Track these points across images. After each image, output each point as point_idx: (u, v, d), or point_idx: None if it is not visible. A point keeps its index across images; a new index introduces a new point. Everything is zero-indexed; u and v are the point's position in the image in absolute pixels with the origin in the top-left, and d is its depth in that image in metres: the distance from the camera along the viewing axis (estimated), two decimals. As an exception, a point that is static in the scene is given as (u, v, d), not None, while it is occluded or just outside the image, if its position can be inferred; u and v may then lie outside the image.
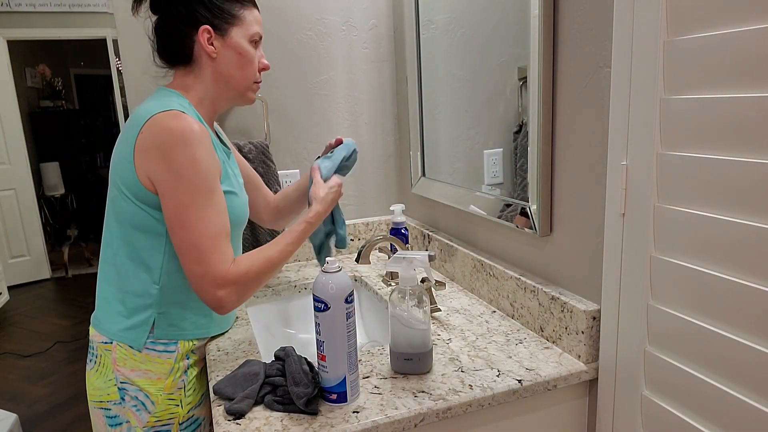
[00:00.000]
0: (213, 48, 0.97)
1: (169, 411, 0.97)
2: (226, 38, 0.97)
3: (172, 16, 0.97)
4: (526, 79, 0.99)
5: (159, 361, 0.96)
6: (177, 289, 0.96)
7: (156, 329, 0.95)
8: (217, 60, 0.98)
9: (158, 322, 0.95)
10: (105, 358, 0.95)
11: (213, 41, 0.97)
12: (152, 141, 0.87)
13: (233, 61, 0.99)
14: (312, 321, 1.40)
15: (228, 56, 0.98)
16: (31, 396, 2.81)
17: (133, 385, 0.94)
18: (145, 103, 0.93)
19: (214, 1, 0.96)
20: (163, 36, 0.99)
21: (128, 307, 0.95)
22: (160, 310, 0.95)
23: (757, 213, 0.62)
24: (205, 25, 0.95)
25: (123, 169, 0.90)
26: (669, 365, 0.75)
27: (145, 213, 0.91)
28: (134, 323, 0.95)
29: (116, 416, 0.96)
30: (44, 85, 5.68)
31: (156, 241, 0.93)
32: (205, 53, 0.97)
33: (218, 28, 0.96)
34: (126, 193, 0.91)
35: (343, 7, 1.54)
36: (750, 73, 0.61)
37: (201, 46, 0.96)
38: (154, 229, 0.92)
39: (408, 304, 0.88)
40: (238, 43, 0.98)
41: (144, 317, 0.95)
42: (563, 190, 0.96)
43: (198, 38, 0.96)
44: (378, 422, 0.78)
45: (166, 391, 0.96)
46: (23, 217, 4.59)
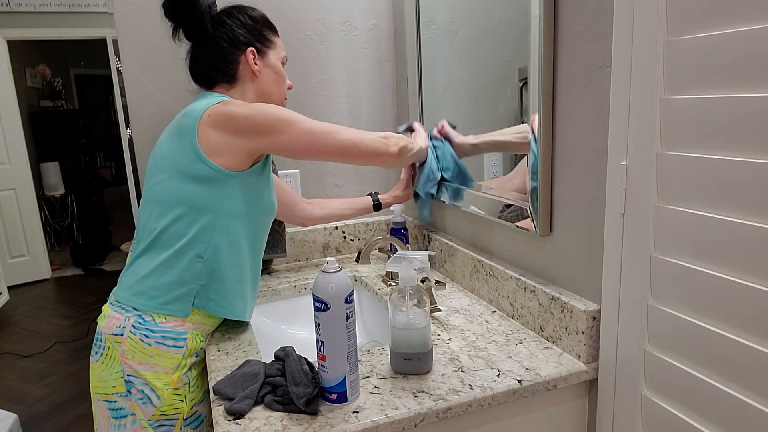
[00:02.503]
0: (257, 67, 1.10)
1: (174, 406, 0.98)
2: (266, 59, 1.12)
3: (218, 39, 1.08)
4: (526, 80, 0.99)
5: (167, 356, 0.97)
6: (220, 264, 1.01)
7: (197, 300, 1.00)
8: (259, 78, 1.12)
9: (200, 293, 1.01)
10: (113, 350, 0.96)
11: (257, 61, 1.10)
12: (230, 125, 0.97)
13: (272, 79, 1.13)
14: (312, 321, 1.40)
15: (268, 75, 1.13)
16: (31, 396, 2.81)
17: (140, 378, 0.95)
18: (194, 103, 1.03)
19: (254, 27, 1.11)
20: (207, 58, 1.09)
21: (173, 279, 0.98)
22: (202, 282, 1.00)
23: (757, 213, 0.62)
24: (251, 47, 1.09)
25: (181, 157, 0.98)
26: (669, 365, 0.75)
27: (206, 191, 0.98)
28: (178, 295, 0.99)
29: (122, 408, 0.97)
30: (44, 85, 5.68)
31: (209, 217, 0.99)
32: (249, 72, 1.10)
33: (260, 51, 1.11)
34: (182, 173, 0.98)
35: (343, 7, 1.54)
36: (750, 73, 0.61)
37: (246, 66, 1.09)
38: (209, 206, 0.98)
39: (408, 304, 0.88)
40: (275, 63, 1.14)
41: (187, 290, 0.99)
42: (563, 190, 0.96)
43: (245, 58, 1.09)
44: (378, 422, 0.78)
45: (172, 386, 0.97)
46: (23, 217, 4.59)
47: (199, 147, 0.96)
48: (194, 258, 0.99)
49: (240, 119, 0.97)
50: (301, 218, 1.35)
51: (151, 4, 1.36)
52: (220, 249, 1.00)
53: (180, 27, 1.08)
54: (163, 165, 1.00)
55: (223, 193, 0.99)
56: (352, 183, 1.64)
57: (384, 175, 1.67)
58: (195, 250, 0.99)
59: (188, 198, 0.98)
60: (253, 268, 1.09)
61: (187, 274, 0.99)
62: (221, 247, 1.00)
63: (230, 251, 1.02)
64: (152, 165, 1.03)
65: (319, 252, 1.61)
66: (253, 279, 1.10)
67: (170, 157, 0.99)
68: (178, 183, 0.98)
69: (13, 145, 4.48)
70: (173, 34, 1.09)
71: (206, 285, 1.01)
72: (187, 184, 0.97)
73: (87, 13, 4.38)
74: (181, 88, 1.42)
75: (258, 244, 1.09)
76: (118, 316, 0.98)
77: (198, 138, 0.96)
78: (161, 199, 0.99)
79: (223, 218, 1.00)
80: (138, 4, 1.35)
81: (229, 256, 1.02)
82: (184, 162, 0.97)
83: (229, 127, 0.96)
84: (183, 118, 1.00)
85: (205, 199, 0.98)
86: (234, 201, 1.00)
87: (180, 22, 1.07)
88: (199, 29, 1.07)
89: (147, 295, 0.98)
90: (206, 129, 0.97)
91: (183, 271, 0.98)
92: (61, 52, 6.45)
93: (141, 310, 0.98)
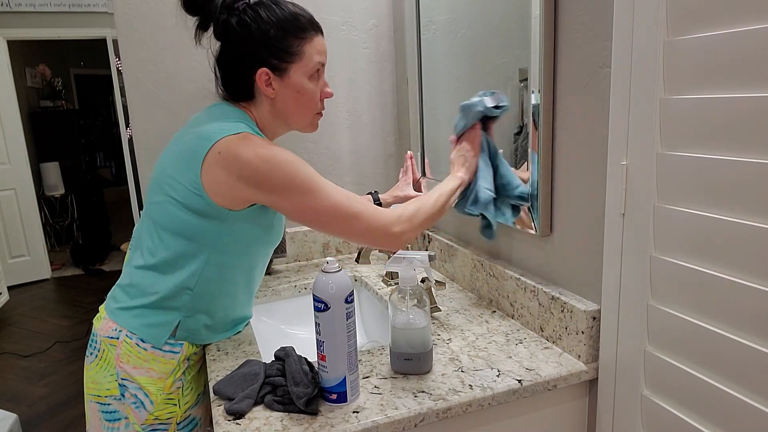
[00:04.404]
0: (272, 89, 0.96)
1: (168, 411, 0.97)
2: (285, 78, 0.95)
3: (233, 54, 0.96)
4: (527, 80, 0.99)
5: (163, 361, 0.96)
6: (209, 298, 0.98)
7: (179, 331, 0.97)
8: (276, 100, 0.97)
9: (182, 324, 0.97)
10: (108, 353, 0.95)
11: (272, 82, 0.95)
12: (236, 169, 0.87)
13: (292, 100, 0.97)
14: (312, 321, 1.39)
15: (287, 95, 0.97)
16: (31, 396, 2.81)
17: (134, 383, 0.94)
18: (211, 124, 0.92)
19: (272, 41, 0.93)
20: (225, 73, 0.98)
21: (156, 306, 0.95)
22: (186, 314, 0.97)
23: (757, 213, 0.62)
24: (263, 68, 0.94)
25: (180, 182, 0.90)
26: (669, 365, 0.75)
27: (201, 224, 0.91)
28: (159, 321, 0.95)
29: (115, 411, 0.96)
30: (44, 85, 5.67)
31: (199, 248, 0.93)
32: (262, 94, 0.97)
33: (277, 69, 0.94)
34: (179, 202, 0.91)
35: (343, 7, 1.54)
36: (750, 73, 0.61)
37: (259, 87, 0.96)
38: (199, 238, 0.93)
39: (408, 304, 0.88)
40: (297, 82, 0.96)
41: (170, 317, 0.96)
42: (563, 190, 0.96)
43: (256, 79, 0.95)
44: (378, 422, 0.78)
45: (165, 392, 0.96)
46: (23, 217, 4.58)
47: (200, 182, 0.89)
48: (182, 289, 0.94)
49: (246, 167, 0.87)
50: None
51: (151, 4, 1.36)
52: (212, 282, 0.96)
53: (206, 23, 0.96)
54: (165, 186, 0.93)
55: (221, 228, 0.92)
56: (352, 183, 1.64)
57: (383, 175, 1.67)
58: (185, 282, 0.94)
59: (185, 228, 0.92)
60: (247, 296, 1.06)
61: (171, 303, 0.95)
62: (213, 281, 0.96)
63: (222, 284, 0.98)
64: (155, 178, 0.96)
65: (319, 252, 1.61)
66: (245, 306, 1.07)
67: (171, 182, 0.92)
68: (176, 210, 0.92)
69: (13, 145, 4.47)
70: (196, 33, 0.97)
71: (190, 317, 0.97)
72: (184, 213, 0.91)
73: (87, 13, 4.38)
74: (181, 88, 1.42)
75: (255, 275, 1.05)
76: (114, 322, 0.96)
77: (202, 172, 0.88)
78: (159, 221, 0.94)
79: (220, 253, 0.94)
80: (138, 4, 1.35)
81: (220, 288, 0.98)
82: (183, 192, 0.90)
83: (233, 170, 0.87)
84: (195, 143, 0.91)
85: (203, 233, 0.92)
86: (233, 237, 0.94)
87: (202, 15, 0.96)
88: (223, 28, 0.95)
89: (129, 312, 0.96)
90: (212, 166, 0.88)
91: (167, 299, 0.94)
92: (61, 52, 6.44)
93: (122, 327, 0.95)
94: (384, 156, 1.66)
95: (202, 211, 0.91)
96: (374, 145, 1.64)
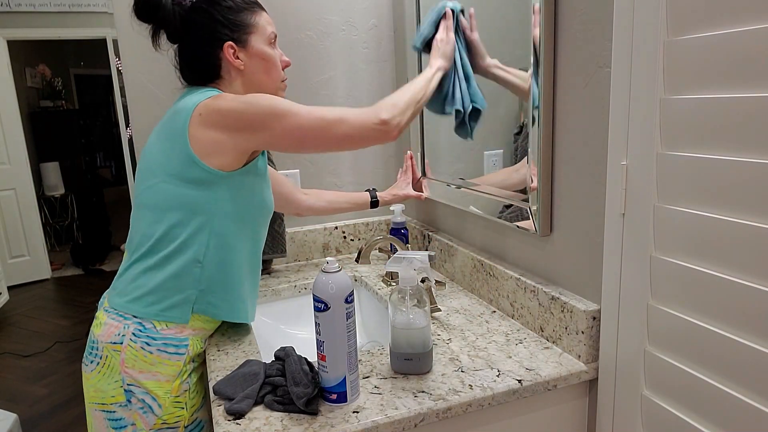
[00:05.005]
0: (240, 61, 1.02)
1: (176, 414, 0.96)
2: (248, 48, 1.03)
3: (195, 40, 1.01)
4: (526, 79, 0.98)
5: (169, 363, 0.95)
6: (218, 268, 0.99)
7: (196, 305, 0.98)
8: (245, 71, 1.04)
9: (199, 299, 0.98)
10: (112, 359, 0.94)
11: (238, 54, 1.02)
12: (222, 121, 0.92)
13: (260, 68, 1.04)
14: (312, 321, 1.40)
15: (254, 65, 1.04)
16: (31, 396, 2.81)
17: (140, 387, 0.94)
18: (184, 99, 0.98)
19: (228, 17, 1.01)
20: (190, 60, 1.03)
21: (170, 286, 0.96)
22: (201, 287, 0.98)
23: (757, 213, 0.62)
24: (228, 42, 1.01)
25: (172, 159, 0.94)
26: (669, 365, 0.75)
27: (199, 193, 0.95)
28: (177, 301, 0.96)
29: (122, 419, 0.95)
30: (44, 85, 5.67)
31: (204, 220, 0.96)
32: (233, 68, 1.03)
33: (239, 41, 1.02)
34: (175, 176, 0.94)
35: (343, 7, 1.54)
36: (750, 73, 0.61)
37: (228, 62, 1.02)
38: (203, 209, 0.95)
39: (408, 304, 0.88)
40: (259, 49, 1.04)
41: (186, 294, 0.97)
42: (563, 190, 0.96)
43: (224, 55, 1.01)
44: (378, 422, 0.78)
45: (173, 394, 0.96)
46: (23, 217, 4.58)
47: (191, 149, 0.93)
48: (192, 263, 0.96)
49: (228, 115, 0.92)
50: (297, 209, 1.34)
51: (151, 4, 1.36)
52: (218, 252, 0.98)
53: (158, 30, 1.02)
54: (155, 169, 0.97)
55: (218, 194, 0.96)
56: (352, 183, 1.64)
57: (383, 175, 1.67)
58: (192, 255, 0.96)
59: (183, 202, 0.95)
60: (253, 269, 1.07)
61: (185, 280, 0.96)
62: (219, 250, 0.98)
63: (228, 253, 0.99)
64: (143, 168, 0.99)
65: (319, 252, 1.61)
66: (253, 280, 1.08)
67: (162, 160, 0.96)
68: (171, 187, 0.95)
69: (13, 145, 4.48)
70: (152, 40, 1.02)
71: (205, 290, 0.98)
72: (181, 187, 0.94)
73: (87, 13, 4.38)
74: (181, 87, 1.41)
75: (257, 244, 1.07)
76: (116, 324, 0.95)
77: (190, 139, 0.93)
78: (155, 203, 0.96)
79: (220, 220, 0.97)
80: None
81: (227, 258, 0.99)
82: (177, 165, 0.94)
83: (219, 124, 0.92)
84: (173, 118, 0.96)
85: (201, 202, 0.95)
86: (230, 202, 0.97)
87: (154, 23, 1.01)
88: (174, 30, 1.01)
89: (144, 301, 0.95)
90: (197, 128, 0.93)
91: (181, 277, 0.96)
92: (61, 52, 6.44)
93: (140, 317, 0.95)
94: (384, 156, 1.66)
95: (199, 179, 0.94)
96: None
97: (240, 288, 1.04)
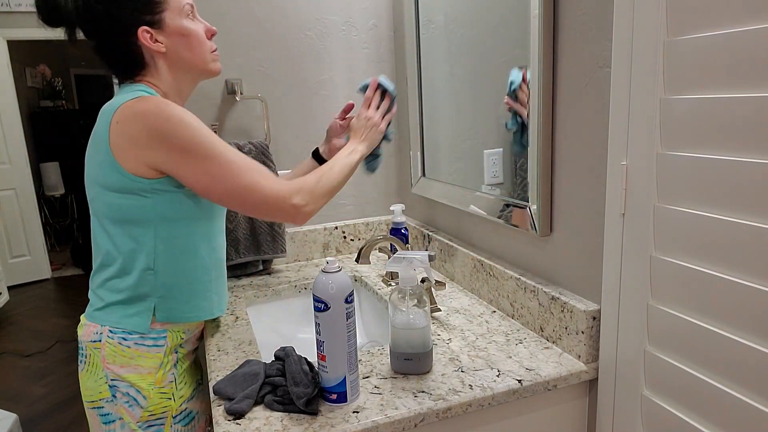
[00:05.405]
0: (159, 44, 0.95)
1: (162, 405, 0.97)
2: (164, 28, 0.95)
3: (106, 32, 0.94)
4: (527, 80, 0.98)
5: (148, 356, 0.96)
6: (174, 272, 0.97)
7: (158, 313, 0.96)
8: (168, 53, 0.96)
9: (159, 306, 0.96)
10: (94, 357, 0.95)
11: (156, 37, 0.95)
12: (134, 131, 0.87)
13: (183, 45, 0.97)
14: (312, 321, 1.39)
15: (175, 42, 0.96)
16: (31, 396, 2.81)
17: (124, 381, 0.95)
18: (111, 101, 0.93)
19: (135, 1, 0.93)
20: (108, 54, 0.96)
21: (128, 296, 0.95)
22: (159, 294, 0.96)
23: (757, 213, 0.62)
24: (141, 26, 0.93)
25: (101, 168, 0.91)
26: (669, 365, 0.75)
27: (132, 202, 0.91)
28: (136, 310, 0.95)
29: (109, 414, 0.96)
30: (44, 85, 5.68)
31: (146, 228, 0.93)
32: (154, 52, 0.96)
33: (152, 23, 0.94)
34: (109, 189, 0.91)
35: (343, 7, 1.54)
36: (750, 73, 0.61)
37: (147, 48, 0.95)
38: (141, 217, 0.92)
39: (408, 304, 0.88)
40: (177, 25, 0.95)
41: (145, 303, 0.96)
42: (563, 190, 0.96)
43: (141, 41, 0.94)
44: (378, 422, 0.78)
45: (157, 385, 0.97)
46: (23, 217, 4.58)
47: (113, 157, 0.88)
48: (144, 271, 0.94)
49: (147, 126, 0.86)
50: None
51: (151, 4, 1.36)
52: (169, 257, 0.95)
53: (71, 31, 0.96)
54: (92, 179, 0.94)
55: (152, 201, 0.91)
56: (350, 183, 1.64)
57: (383, 175, 1.67)
58: (143, 264, 0.94)
59: (121, 212, 0.92)
60: (215, 264, 1.04)
61: (141, 289, 0.94)
62: (170, 255, 0.95)
63: (181, 256, 0.97)
64: (87, 177, 0.96)
65: (319, 252, 1.61)
66: (217, 274, 1.05)
67: (94, 170, 0.92)
68: (107, 198, 0.92)
69: (13, 145, 4.48)
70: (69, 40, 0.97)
71: (164, 296, 0.96)
72: (114, 198, 0.91)
73: (87, 13, 4.37)
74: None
75: (213, 240, 1.02)
76: (94, 324, 0.96)
77: (111, 147, 0.88)
78: (99, 215, 0.95)
79: (162, 226, 0.94)
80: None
81: (180, 261, 0.97)
82: (105, 175, 0.90)
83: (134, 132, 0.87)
84: (99, 122, 0.91)
85: (137, 211, 0.91)
86: (167, 206, 0.93)
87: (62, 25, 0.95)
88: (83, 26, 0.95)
89: (106, 311, 0.96)
90: (115, 136, 0.88)
91: (137, 287, 0.94)
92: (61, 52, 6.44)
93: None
94: (384, 156, 1.66)
95: (126, 187, 0.90)
96: (374, 145, 1.64)
97: (201, 287, 1.01)
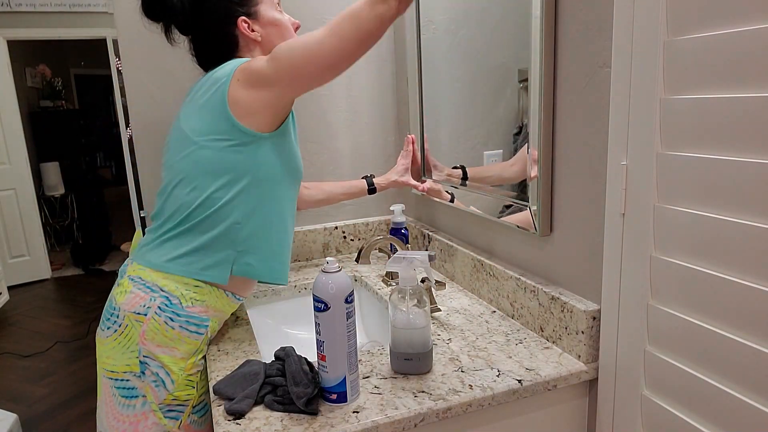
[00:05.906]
0: (256, 32, 1.06)
1: (186, 392, 0.97)
2: (260, 19, 1.06)
3: (209, 24, 1.05)
4: (527, 80, 0.99)
5: (188, 341, 0.96)
6: (260, 229, 1.00)
7: (235, 266, 0.99)
8: (263, 41, 1.07)
9: (238, 260, 0.99)
10: (132, 328, 0.95)
11: (252, 27, 1.05)
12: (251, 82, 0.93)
13: (275, 35, 1.08)
14: (312, 321, 1.40)
15: (269, 33, 1.07)
16: (31, 396, 2.81)
17: (156, 361, 0.94)
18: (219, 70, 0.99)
19: None
20: (208, 44, 1.06)
21: (209, 246, 0.97)
22: (240, 248, 0.99)
23: (757, 213, 0.62)
24: (240, 17, 1.04)
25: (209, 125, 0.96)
26: (669, 365, 0.75)
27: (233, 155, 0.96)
28: (216, 260, 0.98)
29: (133, 388, 0.95)
30: (44, 85, 5.67)
31: (243, 182, 0.97)
32: (250, 40, 1.06)
33: (250, 14, 1.05)
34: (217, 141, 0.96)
35: (342, 7, 1.53)
36: (750, 73, 0.61)
37: (245, 36, 1.05)
38: (241, 171, 0.97)
39: (408, 304, 0.88)
40: (270, 16, 1.07)
41: (226, 254, 0.98)
42: (563, 190, 0.96)
43: (239, 31, 1.04)
44: (378, 422, 0.78)
45: (186, 372, 0.97)
46: (23, 217, 4.58)
47: (231, 113, 0.94)
48: (232, 224, 0.97)
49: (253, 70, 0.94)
50: (300, 204, 1.34)
51: (151, 4, 1.36)
52: (259, 213, 1.00)
53: (169, 25, 1.06)
54: (194, 136, 0.98)
55: (258, 156, 0.97)
56: (352, 183, 1.64)
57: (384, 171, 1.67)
58: (233, 217, 0.97)
59: (224, 166, 0.96)
60: (289, 231, 1.09)
61: (224, 241, 0.98)
62: (259, 212, 1.00)
63: (268, 215, 1.01)
64: (176, 139, 1.01)
65: (319, 252, 1.61)
66: (289, 241, 1.09)
67: (200, 127, 0.97)
68: (211, 152, 0.96)
69: (13, 145, 4.47)
70: (166, 36, 1.07)
71: (244, 251, 0.99)
72: (222, 152, 0.96)
73: (87, 13, 4.37)
74: (182, 87, 1.42)
75: (292, 207, 1.08)
76: (143, 295, 0.95)
77: (229, 103, 0.95)
78: (193, 171, 0.97)
79: (260, 182, 0.99)
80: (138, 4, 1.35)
81: (266, 219, 1.01)
82: (217, 130, 0.96)
83: (252, 81, 0.94)
84: (212, 88, 0.97)
85: (243, 165, 0.97)
86: (269, 164, 0.99)
87: (164, 20, 1.05)
88: (185, 21, 1.05)
89: (182, 261, 0.97)
90: (236, 91, 0.94)
91: (220, 239, 0.97)
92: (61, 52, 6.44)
93: (168, 291, 0.95)
94: (384, 156, 1.66)
95: (240, 142, 0.96)
96: (374, 145, 1.64)
97: (279, 250, 1.05)
